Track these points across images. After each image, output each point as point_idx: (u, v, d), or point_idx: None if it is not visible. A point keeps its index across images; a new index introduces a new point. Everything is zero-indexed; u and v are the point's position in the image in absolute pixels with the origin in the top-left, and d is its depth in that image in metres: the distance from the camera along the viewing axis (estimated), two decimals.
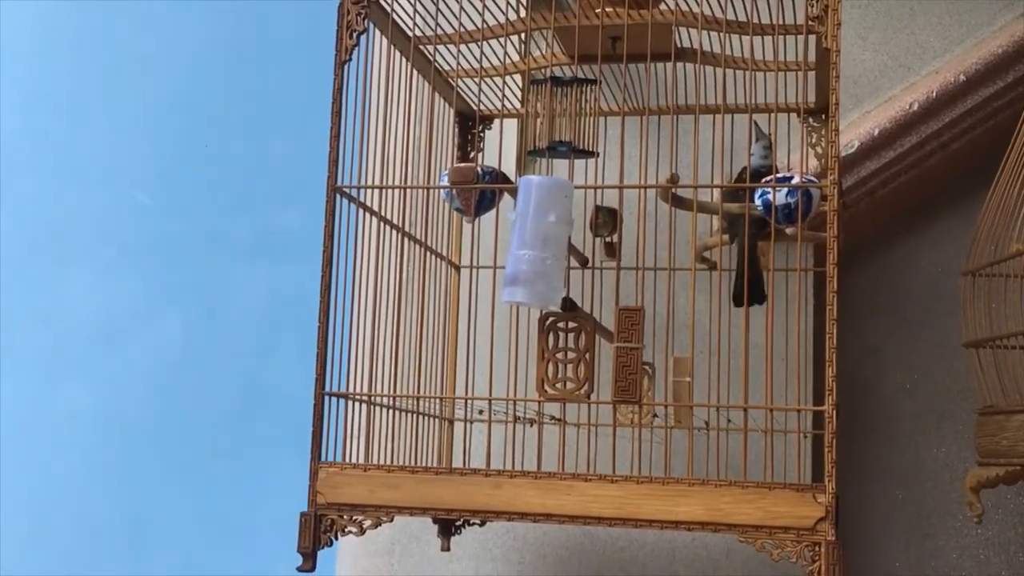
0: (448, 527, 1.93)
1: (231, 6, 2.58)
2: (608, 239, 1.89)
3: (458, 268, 1.97)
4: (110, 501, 2.48)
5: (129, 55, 2.61)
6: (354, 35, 1.57)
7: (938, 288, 2.16)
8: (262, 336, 2.48)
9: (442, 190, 1.72)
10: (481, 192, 1.65)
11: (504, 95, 1.92)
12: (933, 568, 2.10)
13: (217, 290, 2.51)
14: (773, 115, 1.71)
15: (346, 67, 1.58)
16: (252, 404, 2.45)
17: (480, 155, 1.98)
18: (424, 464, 1.79)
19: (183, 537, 2.44)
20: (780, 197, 1.51)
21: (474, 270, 1.84)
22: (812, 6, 1.46)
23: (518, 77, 1.90)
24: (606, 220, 1.86)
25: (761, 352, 1.55)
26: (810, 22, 1.47)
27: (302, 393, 1.69)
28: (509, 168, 2.05)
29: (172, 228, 2.54)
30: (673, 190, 1.60)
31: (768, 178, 1.55)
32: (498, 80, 1.88)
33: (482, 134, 1.97)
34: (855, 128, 2.11)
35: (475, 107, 1.93)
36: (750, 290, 1.60)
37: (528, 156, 1.64)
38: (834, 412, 1.41)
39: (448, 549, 1.95)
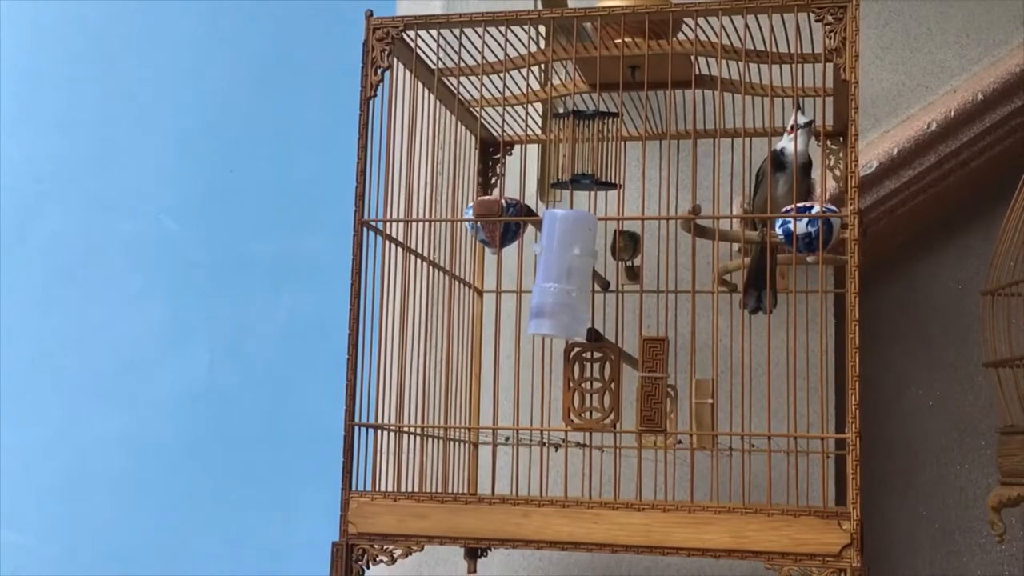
0: (475, 551, 1.96)
1: (257, 32, 2.61)
2: (629, 263, 1.91)
3: (481, 293, 1.99)
4: (137, 528, 2.50)
5: (156, 83, 2.64)
6: (379, 71, 1.60)
7: (959, 305, 2.17)
8: (288, 361, 2.50)
9: (467, 222, 1.74)
10: (505, 224, 1.67)
11: (527, 124, 1.94)
12: None
13: (243, 316, 2.54)
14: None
15: (371, 102, 1.60)
16: (279, 430, 2.47)
17: (501, 180, 2.00)
18: (453, 489, 1.82)
19: (211, 564, 2.46)
20: (801, 226, 1.52)
21: (497, 295, 1.86)
22: (830, 38, 1.48)
23: (539, 105, 1.92)
24: (627, 244, 1.89)
25: (783, 371, 1.57)
26: (828, 53, 1.49)
27: (329, 418, 1.72)
28: (529, 192, 2.07)
29: (198, 254, 2.57)
30: (695, 220, 1.62)
31: (788, 208, 1.56)
32: (519, 108, 1.91)
33: (503, 160, 1.99)
34: (873, 148, 2.12)
35: (497, 135, 1.96)
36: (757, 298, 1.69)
37: (552, 188, 1.66)
38: (857, 440, 1.42)
39: (475, 571, 1.97)
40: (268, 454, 2.46)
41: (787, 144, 1.69)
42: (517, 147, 2.06)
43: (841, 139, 1.93)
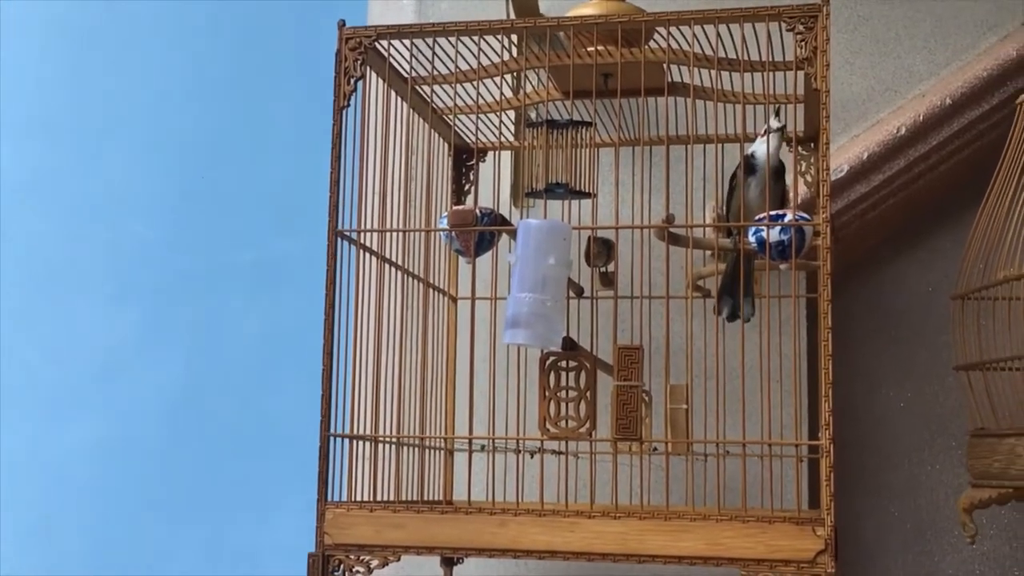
0: (451, 558, 1.96)
1: (229, 38, 2.60)
2: (603, 269, 1.92)
3: (456, 300, 2.00)
4: (113, 535, 2.49)
5: (128, 89, 2.63)
6: (352, 81, 1.60)
7: (929, 306, 2.19)
8: (264, 367, 2.49)
9: (441, 232, 1.74)
10: (480, 233, 1.67)
11: (500, 131, 1.95)
12: None
13: (218, 322, 2.53)
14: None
15: (344, 112, 1.60)
16: (255, 436, 2.46)
17: (474, 187, 2.01)
18: (429, 496, 1.82)
19: (189, 569, 2.45)
20: (774, 234, 1.54)
21: (472, 302, 1.86)
22: (801, 47, 1.49)
23: (512, 112, 1.92)
24: (601, 251, 1.89)
25: (756, 375, 1.58)
26: (799, 62, 1.50)
27: (304, 424, 1.72)
28: (503, 200, 2.07)
29: (172, 261, 2.56)
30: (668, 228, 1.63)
31: (760, 216, 1.57)
32: (492, 115, 1.91)
33: (476, 167, 1.99)
34: (844, 152, 2.14)
35: (470, 142, 1.96)
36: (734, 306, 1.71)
37: (526, 197, 1.67)
38: (831, 446, 1.44)
39: None
40: (244, 460, 2.45)
41: (758, 147, 1.70)
42: (491, 154, 2.06)
43: (812, 145, 1.94)
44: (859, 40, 2.19)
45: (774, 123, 1.70)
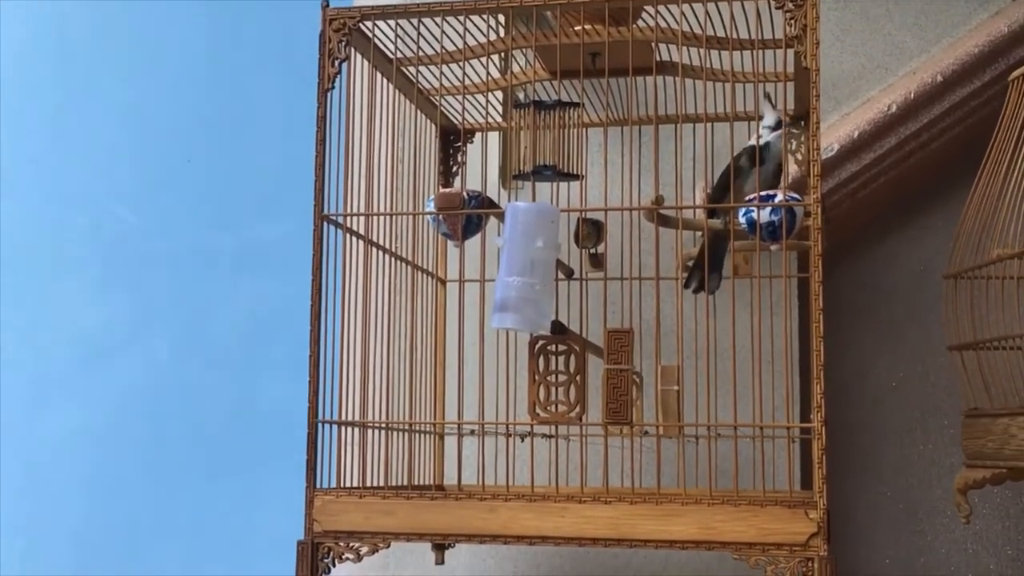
0: (442, 543, 1.95)
1: (212, 20, 2.57)
2: (593, 251, 1.91)
3: (444, 283, 1.98)
4: (98, 523, 2.48)
5: (110, 72, 2.60)
6: (336, 63, 1.57)
7: (921, 285, 2.17)
8: (250, 350, 2.48)
9: (429, 215, 1.72)
10: (468, 216, 1.65)
11: (488, 111, 1.92)
12: (922, 564, 2.12)
13: (204, 305, 2.51)
14: (753, 123, 1.73)
15: (329, 94, 1.58)
16: (241, 421, 2.45)
17: (463, 169, 1.99)
18: (419, 480, 1.81)
19: (174, 559, 2.44)
20: (764, 215, 1.52)
21: (461, 284, 1.85)
22: (791, 26, 1.47)
23: (500, 93, 1.90)
24: (591, 232, 1.88)
25: (747, 356, 1.57)
26: (789, 40, 1.48)
27: (292, 408, 1.70)
28: (492, 181, 2.06)
29: (156, 244, 2.54)
30: (658, 210, 1.62)
31: (751, 196, 1.56)
32: (480, 96, 1.89)
33: (464, 148, 1.97)
34: (834, 131, 2.12)
35: (457, 123, 1.94)
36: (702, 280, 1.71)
37: (513, 180, 1.65)
38: (823, 429, 1.43)
39: (442, 562, 1.97)
40: (231, 445, 2.44)
41: (773, 140, 1.68)
42: (478, 135, 2.04)
43: (802, 123, 1.92)
44: (849, 17, 2.17)
45: (774, 118, 1.69)
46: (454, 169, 2.00)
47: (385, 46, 1.65)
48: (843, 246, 2.15)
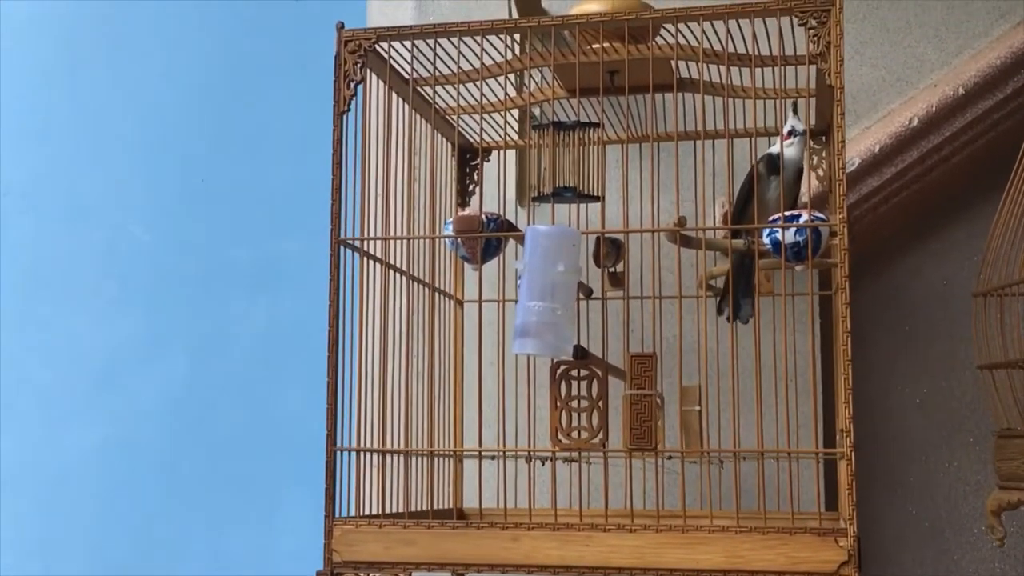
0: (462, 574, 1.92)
1: (227, 37, 2.56)
2: (613, 269, 1.88)
3: (462, 304, 1.96)
4: (117, 540, 2.47)
5: (126, 90, 2.59)
6: (352, 85, 1.55)
7: (943, 300, 2.14)
8: (266, 368, 2.46)
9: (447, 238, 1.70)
10: (487, 239, 1.63)
11: (505, 130, 1.90)
12: None
13: (219, 323, 2.50)
14: (774, 138, 1.70)
15: (345, 117, 1.55)
16: (259, 438, 2.43)
17: (479, 188, 1.96)
18: (439, 504, 1.78)
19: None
20: (789, 235, 1.49)
21: (480, 305, 1.82)
22: (814, 43, 1.44)
23: (517, 111, 1.88)
24: (610, 251, 1.85)
25: (770, 374, 1.54)
26: (812, 58, 1.45)
27: (310, 426, 1.68)
28: (509, 199, 2.03)
29: (171, 262, 2.53)
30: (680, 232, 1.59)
31: (775, 216, 1.53)
32: (497, 115, 1.87)
33: (480, 166, 1.95)
34: (855, 145, 2.09)
35: (474, 142, 1.92)
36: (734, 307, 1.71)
37: (533, 202, 1.63)
38: (851, 454, 1.40)
39: None
40: (247, 464, 2.42)
41: (786, 150, 1.65)
42: (495, 153, 2.02)
43: (824, 138, 1.90)
44: (869, 29, 2.14)
45: (799, 125, 1.66)
46: (471, 188, 1.97)
47: (400, 66, 1.62)
48: (865, 262, 2.12)
